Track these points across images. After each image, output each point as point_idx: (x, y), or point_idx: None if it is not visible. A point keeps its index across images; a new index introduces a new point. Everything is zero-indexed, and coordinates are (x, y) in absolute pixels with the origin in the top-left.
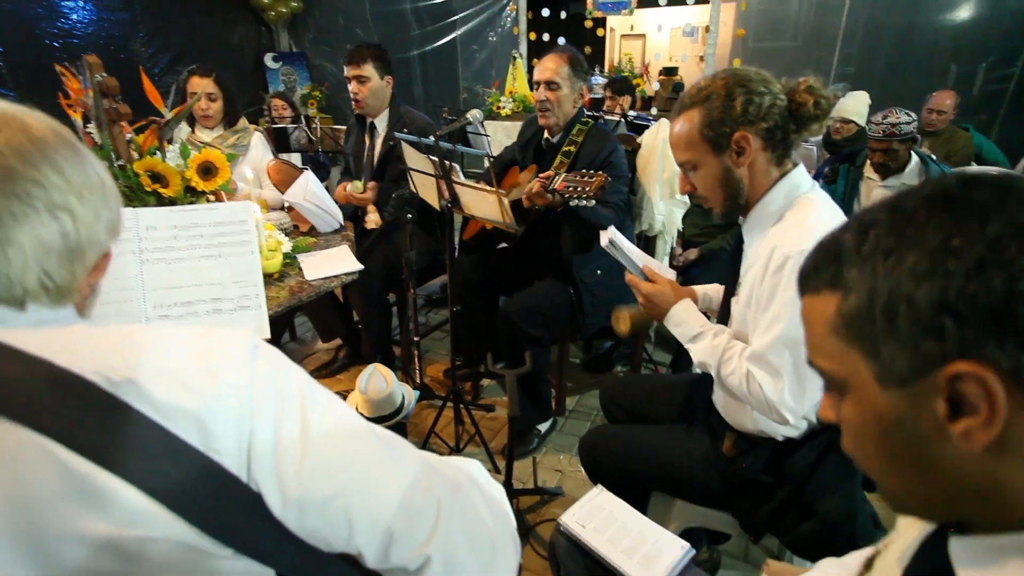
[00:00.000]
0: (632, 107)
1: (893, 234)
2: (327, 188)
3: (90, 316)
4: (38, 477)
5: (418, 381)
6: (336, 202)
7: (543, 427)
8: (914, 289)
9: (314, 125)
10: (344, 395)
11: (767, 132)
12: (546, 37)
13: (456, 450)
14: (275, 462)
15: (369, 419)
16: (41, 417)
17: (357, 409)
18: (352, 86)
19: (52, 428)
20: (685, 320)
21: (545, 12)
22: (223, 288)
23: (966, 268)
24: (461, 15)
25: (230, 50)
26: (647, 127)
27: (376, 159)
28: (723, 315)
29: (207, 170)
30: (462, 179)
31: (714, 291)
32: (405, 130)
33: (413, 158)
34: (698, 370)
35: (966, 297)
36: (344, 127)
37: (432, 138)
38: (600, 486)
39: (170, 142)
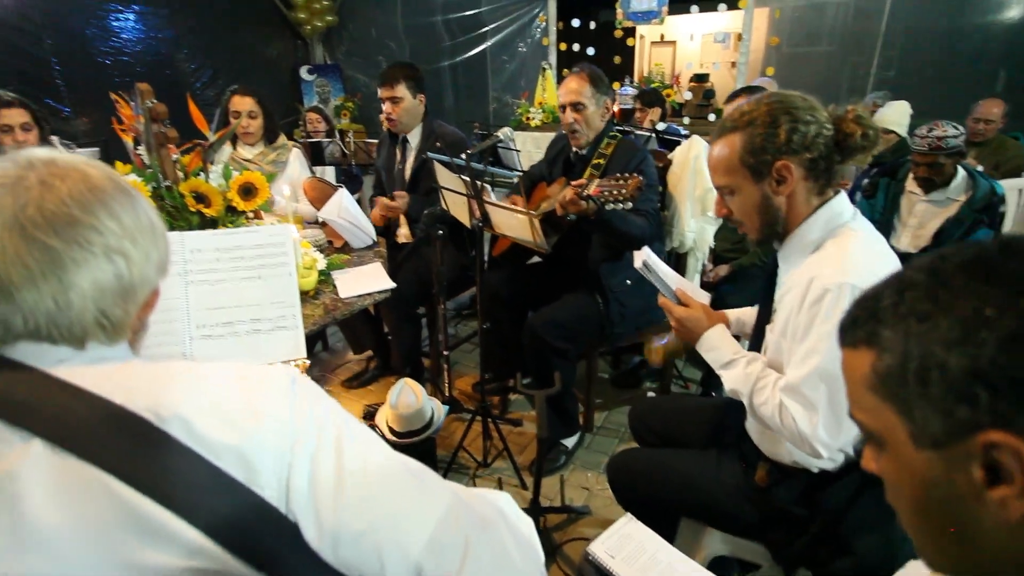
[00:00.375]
0: (663, 118)
1: (929, 298)
2: (359, 199)
3: (141, 349)
4: (100, 510)
5: (447, 394)
6: (371, 220)
7: (570, 442)
8: (946, 356)
9: (347, 139)
10: (374, 409)
11: (810, 162)
12: (576, 47)
13: (484, 464)
14: (312, 497)
15: (399, 434)
16: (101, 454)
17: (387, 423)
18: (386, 106)
19: (111, 464)
20: (718, 346)
21: (575, 23)
22: (262, 309)
23: (998, 339)
24: (491, 26)
25: (267, 63)
26: (678, 143)
27: (409, 172)
28: (756, 342)
29: (247, 190)
30: (493, 199)
31: (747, 316)
32: (438, 144)
33: (445, 177)
34: None
35: (998, 368)
36: (376, 140)
37: (464, 157)
38: (629, 515)
39: (212, 163)
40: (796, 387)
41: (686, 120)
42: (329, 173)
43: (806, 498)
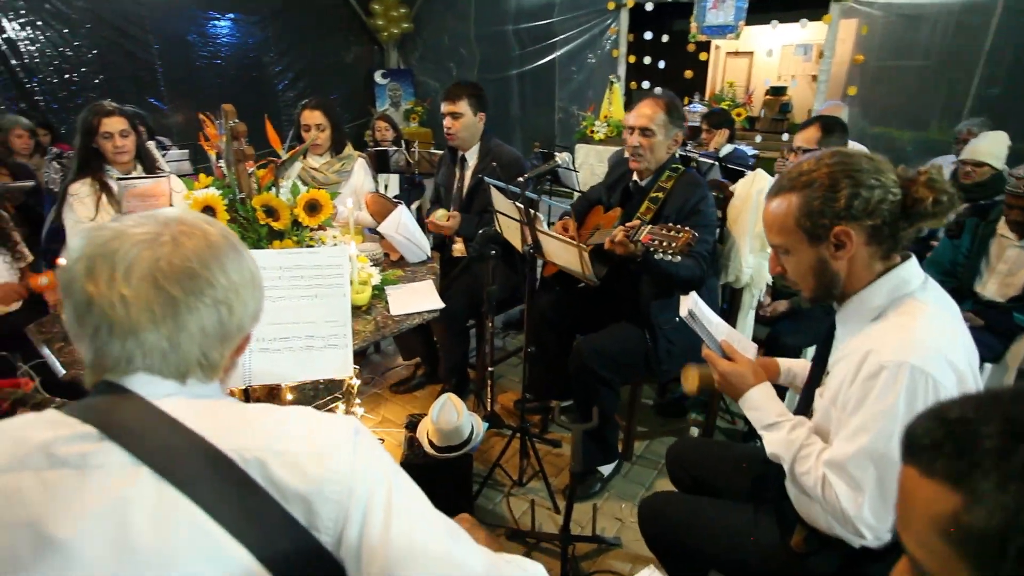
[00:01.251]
0: (730, 140)
1: None
2: (419, 206)
3: (228, 385)
4: (185, 536)
5: (489, 409)
6: (425, 229)
7: (606, 470)
8: None
9: (412, 149)
10: (417, 419)
11: (873, 228)
12: (647, 60)
13: (519, 483)
14: (360, 547)
15: (438, 448)
16: (195, 487)
17: (428, 436)
18: (447, 121)
19: (201, 498)
20: (761, 406)
21: (647, 35)
22: (316, 327)
23: None
24: (561, 37)
25: (345, 67)
26: (742, 173)
27: (465, 191)
28: (804, 403)
29: (312, 207)
30: (545, 226)
31: (799, 368)
32: (494, 164)
33: (500, 200)
34: None
35: None
36: (439, 152)
37: (520, 181)
38: (652, 567)
39: (283, 178)
40: (842, 464)
41: (758, 139)
42: (393, 181)
43: (844, 572)
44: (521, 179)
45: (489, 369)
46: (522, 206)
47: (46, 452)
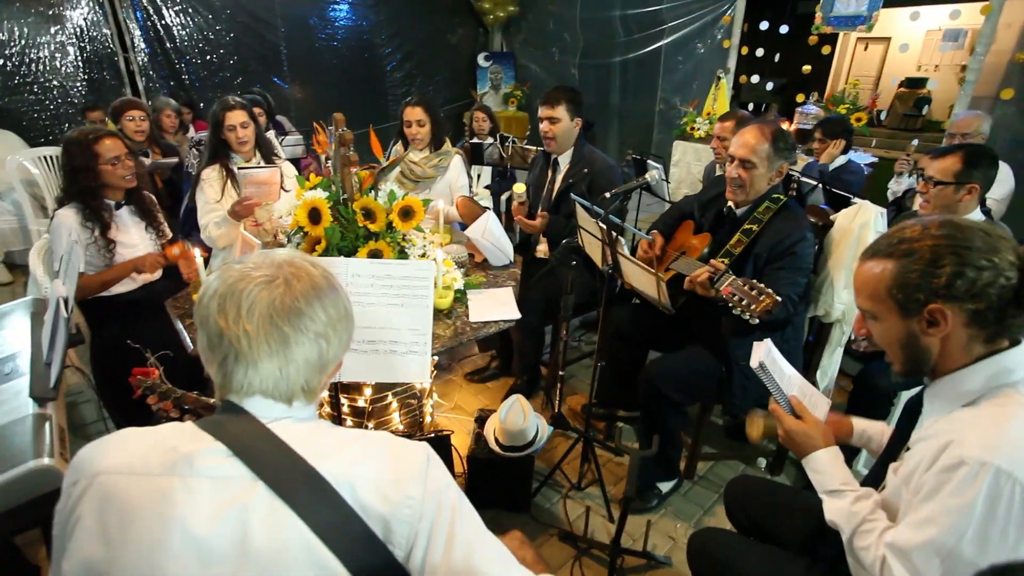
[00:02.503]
0: (846, 150)
1: None
2: (509, 197)
3: (317, 404)
4: (289, 545)
5: (556, 410)
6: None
7: (665, 487)
8: None
9: (507, 143)
10: (486, 415)
11: (975, 312)
12: (759, 52)
13: (577, 487)
14: (423, 566)
15: (504, 446)
16: (299, 503)
17: (495, 434)
18: (544, 125)
19: (304, 512)
20: (825, 470)
21: (763, 25)
22: (400, 333)
23: None
24: (669, 24)
25: (449, 49)
26: (847, 201)
27: (555, 194)
28: (876, 476)
29: (406, 212)
30: (626, 250)
31: (874, 431)
32: (586, 171)
33: (583, 217)
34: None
35: None
36: (533, 148)
37: (606, 197)
38: None
39: (382, 184)
40: (906, 552)
41: (874, 143)
42: (486, 172)
43: None
44: (608, 194)
45: (560, 373)
46: (604, 226)
47: (190, 462)
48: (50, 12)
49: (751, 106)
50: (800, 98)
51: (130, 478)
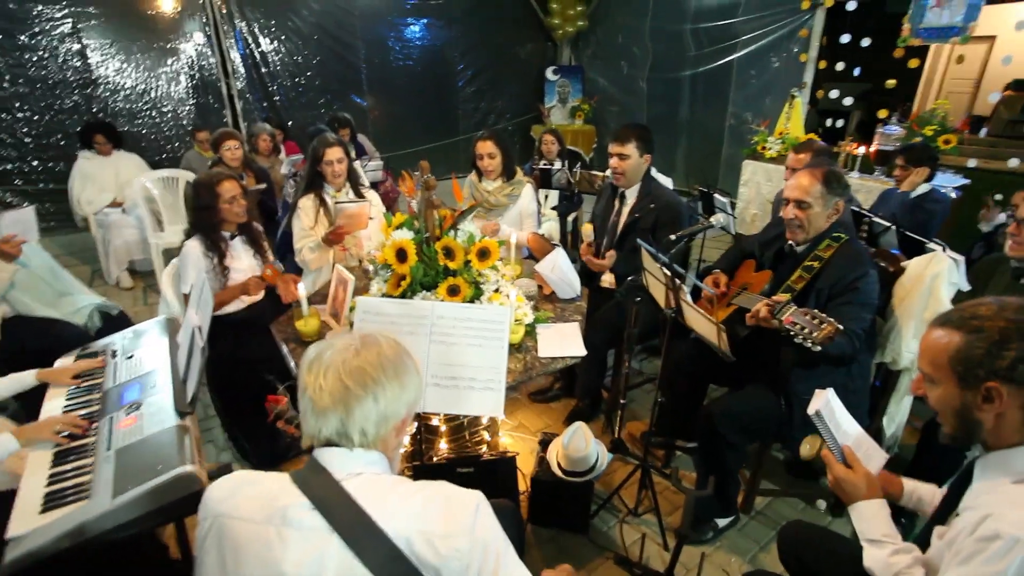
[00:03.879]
0: (930, 179)
1: None
2: (576, 217)
3: (397, 462)
4: None
5: (616, 435)
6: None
7: (722, 522)
8: None
9: (575, 169)
10: (549, 438)
11: None
12: (840, 66)
13: (634, 513)
14: None
15: (565, 471)
16: (367, 558)
17: (557, 458)
18: (613, 161)
19: (368, 562)
20: (868, 519)
21: (844, 38)
22: (478, 371)
23: None
24: (743, 38)
25: (519, 63)
26: (921, 247)
27: (620, 227)
28: (924, 538)
29: (483, 253)
30: (688, 297)
31: (925, 493)
32: (652, 205)
33: (648, 260)
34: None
35: None
36: (601, 173)
37: (671, 240)
38: None
39: (460, 226)
40: None
41: (971, 163)
42: (553, 196)
43: None
44: (672, 236)
45: (622, 401)
46: (668, 273)
47: (283, 514)
48: (168, 46)
49: (828, 121)
50: (883, 114)
51: (240, 523)
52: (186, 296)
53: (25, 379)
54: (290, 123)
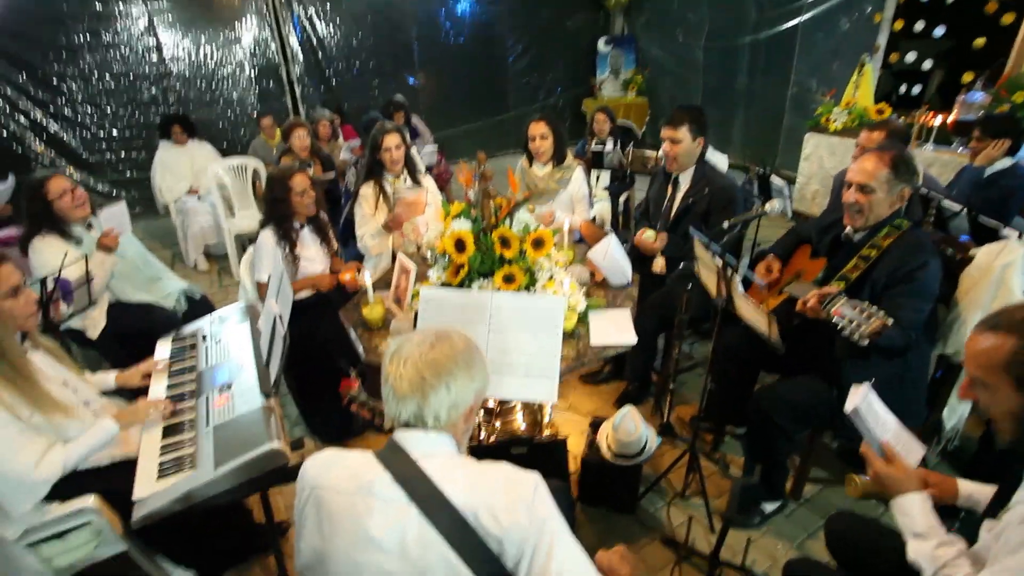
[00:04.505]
0: (1012, 152)
1: None
2: (628, 198)
3: (464, 444)
4: (435, 557)
5: (665, 419)
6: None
7: (769, 507)
8: None
9: (627, 150)
10: (599, 421)
11: None
12: (919, 26)
13: (681, 495)
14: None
15: (615, 454)
16: (441, 526)
17: (607, 441)
18: (666, 146)
19: (445, 533)
20: (911, 514)
21: None
22: (533, 358)
23: None
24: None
25: (569, 35)
26: (994, 234)
27: (674, 211)
28: (971, 531)
29: (537, 243)
30: (740, 288)
31: (982, 494)
32: (707, 190)
33: (700, 248)
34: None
35: None
36: (654, 152)
37: (725, 228)
38: None
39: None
40: None
41: None
42: (605, 176)
43: None
44: (725, 224)
45: (671, 386)
46: (720, 262)
47: (370, 487)
48: (232, 35)
49: (903, 88)
50: (967, 77)
51: (333, 494)
52: (259, 283)
53: (107, 381)
54: (346, 105)
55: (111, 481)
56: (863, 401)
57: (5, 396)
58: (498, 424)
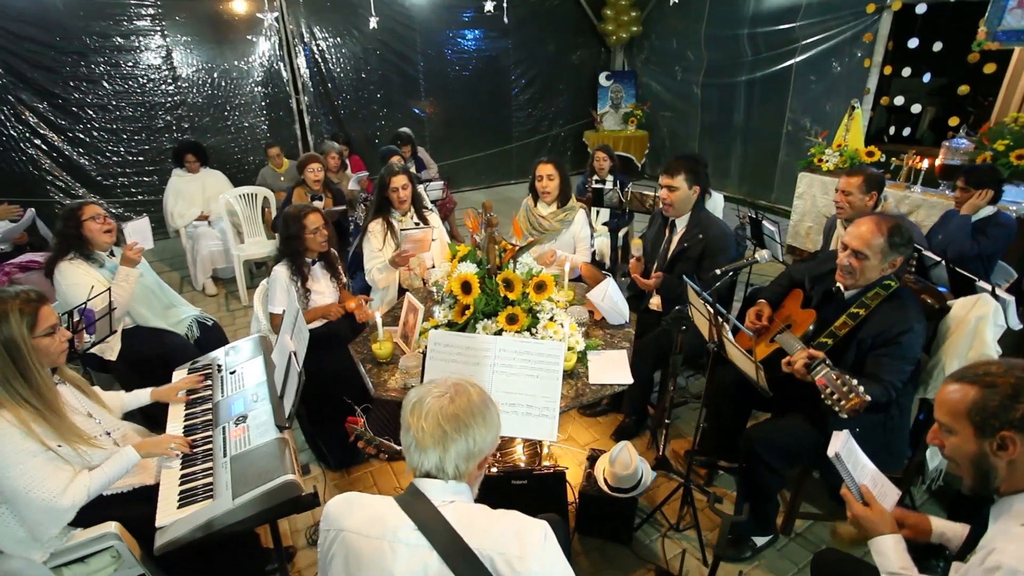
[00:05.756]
0: (994, 201)
1: None
2: (627, 233)
3: (476, 490)
4: None
5: (660, 452)
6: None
7: (760, 540)
8: None
9: (627, 190)
10: (596, 455)
11: None
12: (906, 72)
13: (675, 528)
14: None
15: (611, 487)
16: (457, 569)
17: (604, 474)
18: (663, 192)
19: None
20: (886, 553)
21: (912, 43)
22: (534, 399)
23: None
24: (803, 42)
25: (572, 69)
26: (972, 286)
27: (670, 253)
28: (944, 573)
29: (540, 286)
30: (730, 335)
31: (954, 532)
32: (700, 236)
33: (693, 294)
34: None
35: None
36: (652, 194)
37: (716, 274)
38: None
39: (519, 259)
40: None
41: None
42: (604, 213)
43: None
44: (718, 271)
45: (666, 421)
46: (711, 311)
47: (395, 532)
48: (244, 66)
49: (892, 130)
50: (954, 121)
51: (360, 537)
52: (272, 315)
53: (142, 397)
54: (352, 134)
55: (129, 508)
56: (843, 447)
57: (36, 428)
58: (499, 455)
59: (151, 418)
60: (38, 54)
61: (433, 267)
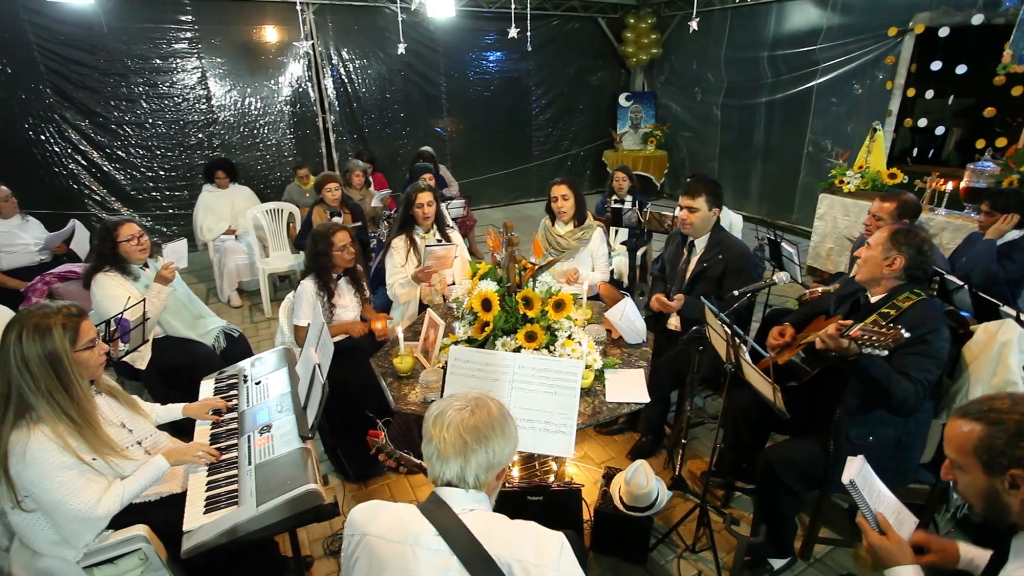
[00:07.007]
0: (1020, 225)
1: None
2: (645, 252)
3: (494, 500)
4: None
5: (676, 472)
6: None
7: (777, 563)
8: None
9: (645, 210)
10: (612, 473)
11: None
12: (929, 94)
13: (691, 549)
14: None
15: (627, 506)
16: (477, 574)
17: (620, 493)
18: (683, 213)
19: None
20: None
21: (935, 66)
22: (551, 415)
23: None
24: (824, 65)
25: (592, 90)
26: (996, 310)
27: (689, 273)
28: None
29: (559, 305)
30: (747, 356)
31: (983, 559)
32: (720, 256)
33: (711, 315)
34: None
35: None
36: (669, 213)
37: (734, 295)
38: None
39: (537, 279)
40: None
41: None
42: (623, 232)
43: None
44: (736, 292)
45: (683, 440)
46: (728, 332)
47: (416, 537)
48: (274, 86)
49: (916, 151)
50: (980, 144)
51: (383, 541)
52: (297, 327)
53: (175, 411)
54: (376, 153)
55: (156, 514)
56: (858, 474)
57: (72, 442)
58: (515, 470)
59: (179, 427)
60: (84, 76)
61: (453, 284)
